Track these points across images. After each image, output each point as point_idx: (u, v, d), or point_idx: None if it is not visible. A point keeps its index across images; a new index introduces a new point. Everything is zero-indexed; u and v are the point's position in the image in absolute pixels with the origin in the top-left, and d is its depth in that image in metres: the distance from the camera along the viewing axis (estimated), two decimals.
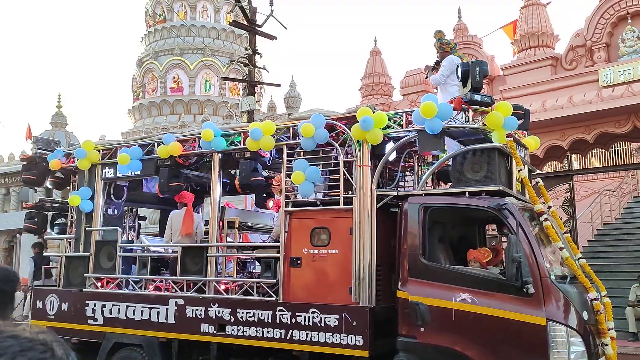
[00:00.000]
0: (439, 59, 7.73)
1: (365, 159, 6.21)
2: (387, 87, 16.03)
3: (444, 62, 7.40)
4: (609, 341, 5.35)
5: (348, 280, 6.07)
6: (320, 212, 6.44)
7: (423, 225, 5.62)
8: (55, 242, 11.35)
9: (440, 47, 7.56)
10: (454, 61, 7.33)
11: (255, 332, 6.51)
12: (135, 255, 7.94)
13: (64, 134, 24.03)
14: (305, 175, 6.35)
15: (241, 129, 7.17)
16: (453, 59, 7.38)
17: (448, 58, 7.36)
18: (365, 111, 6.14)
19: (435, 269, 5.49)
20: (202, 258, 7.13)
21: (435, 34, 7.66)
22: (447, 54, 7.52)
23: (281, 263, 6.49)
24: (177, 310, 7.11)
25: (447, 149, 6.41)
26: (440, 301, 5.29)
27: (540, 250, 5.23)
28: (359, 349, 5.84)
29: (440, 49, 7.56)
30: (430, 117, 5.67)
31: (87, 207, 8.25)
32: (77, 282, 8.18)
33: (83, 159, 8.28)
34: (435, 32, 7.65)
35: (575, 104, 11.17)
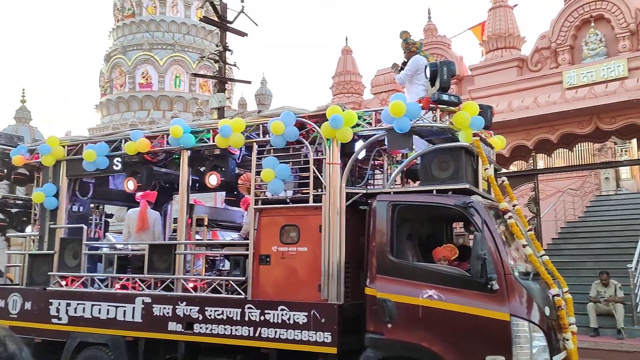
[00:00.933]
0: (406, 59, 7.81)
1: (335, 156, 6.24)
2: (358, 85, 16.13)
3: (409, 62, 7.48)
4: (570, 336, 5.50)
5: (317, 277, 6.09)
6: (289, 210, 6.45)
7: (391, 222, 5.68)
8: (19, 240, 11.07)
9: (406, 47, 7.63)
10: (419, 61, 7.41)
11: (224, 330, 6.48)
12: (101, 253, 7.82)
13: (28, 129, 23.45)
14: (275, 172, 6.35)
15: (211, 126, 7.12)
16: (419, 58, 7.46)
17: (414, 58, 7.44)
18: (334, 109, 6.17)
19: (403, 266, 5.56)
20: (170, 256, 7.06)
21: (401, 34, 7.73)
22: (413, 54, 7.59)
23: (250, 261, 6.47)
24: (144, 308, 7.02)
25: (415, 148, 6.49)
26: (408, 298, 5.36)
27: (504, 248, 5.34)
28: (327, 346, 5.87)
29: (407, 49, 7.63)
30: (399, 116, 5.73)
31: (52, 204, 8.09)
32: (40, 280, 8.01)
33: (47, 155, 8.10)
34: (401, 32, 7.73)
35: (540, 104, 11.43)
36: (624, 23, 11.72)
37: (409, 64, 7.52)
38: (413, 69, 7.40)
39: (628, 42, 11.69)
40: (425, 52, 7.65)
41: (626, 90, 10.70)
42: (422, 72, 7.28)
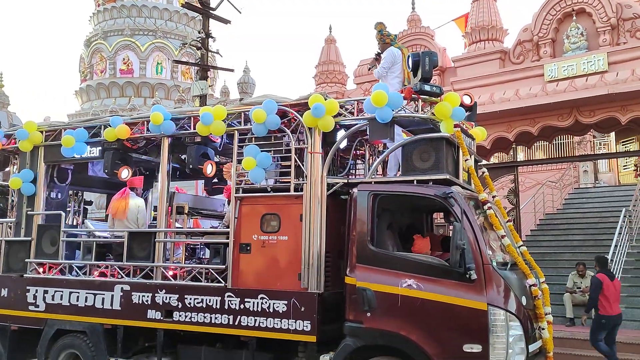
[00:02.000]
0: (380, 51, 7.78)
1: (317, 146, 6.23)
2: (341, 75, 16.10)
3: (384, 54, 7.43)
4: (545, 325, 5.58)
5: (297, 266, 6.10)
6: (270, 199, 6.43)
7: (372, 212, 5.70)
8: None
9: (380, 38, 7.58)
10: (394, 53, 7.36)
11: (203, 318, 6.46)
12: (80, 241, 7.73)
13: (6, 114, 23.02)
14: (257, 161, 6.32)
15: (192, 113, 7.06)
16: (393, 50, 7.41)
17: (388, 50, 7.38)
18: (317, 98, 6.15)
19: (383, 256, 5.58)
20: (150, 243, 7.00)
21: (376, 26, 7.69)
22: (388, 46, 7.52)
23: (230, 249, 6.45)
24: (123, 296, 6.98)
25: None
26: (387, 287, 5.39)
27: (483, 238, 5.39)
28: (306, 334, 5.89)
29: (381, 40, 7.58)
30: (380, 106, 5.73)
31: (29, 191, 7.97)
32: (17, 267, 7.91)
33: (25, 140, 7.97)
34: (375, 23, 7.69)
35: (522, 97, 11.52)
36: (605, 17, 11.84)
37: (385, 57, 7.47)
38: (390, 61, 7.36)
39: (608, 36, 11.82)
40: (400, 44, 7.62)
41: (606, 84, 10.82)
42: (397, 63, 7.28)
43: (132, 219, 7.53)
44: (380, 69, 7.44)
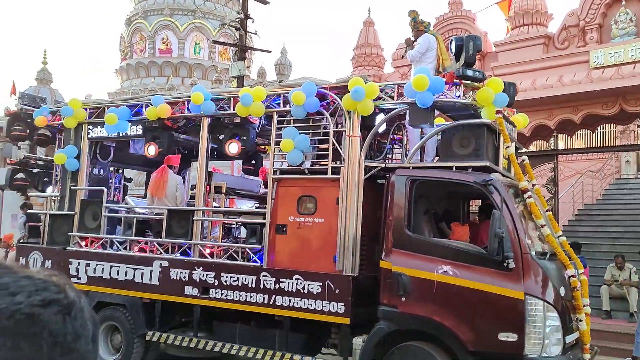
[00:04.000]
0: (414, 38, 7.69)
1: (355, 129, 6.22)
2: (379, 58, 15.93)
3: (419, 40, 7.32)
4: (583, 317, 5.50)
5: (333, 249, 6.14)
6: (307, 181, 6.47)
7: (409, 197, 5.68)
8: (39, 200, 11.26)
9: (414, 26, 7.47)
10: (429, 39, 7.24)
11: (239, 296, 6.58)
12: (121, 216, 7.93)
13: (49, 91, 23.60)
14: (295, 143, 6.35)
15: (231, 94, 7.12)
16: (428, 36, 7.28)
17: (424, 36, 7.24)
18: (357, 81, 6.12)
19: (419, 241, 5.57)
20: (188, 221, 7.14)
21: (410, 13, 7.59)
22: (421, 33, 7.41)
23: (267, 229, 6.53)
24: (162, 272, 7.15)
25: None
26: (423, 272, 5.39)
27: (522, 227, 5.33)
28: (340, 316, 5.95)
29: (415, 27, 7.47)
30: (422, 90, 5.67)
31: (73, 166, 8.19)
32: (61, 240, 8.17)
33: (69, 117, 8.17)
34: (409, 11, 7.58)
35: (565, 84, 11.21)
36: None
37: (420, 42, 7.34)
38: (425, 47, 7.23)
39: None
40: (434, 31, 7.50)
41: None
42: (431, 50, 7.16)
43: (171, 196, 7.68)
44: (415, 52, 7.33)
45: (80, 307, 0.55)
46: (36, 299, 0.52)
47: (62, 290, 0.54)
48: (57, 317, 0.52)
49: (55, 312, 0.52)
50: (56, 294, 0.53)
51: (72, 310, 0.54)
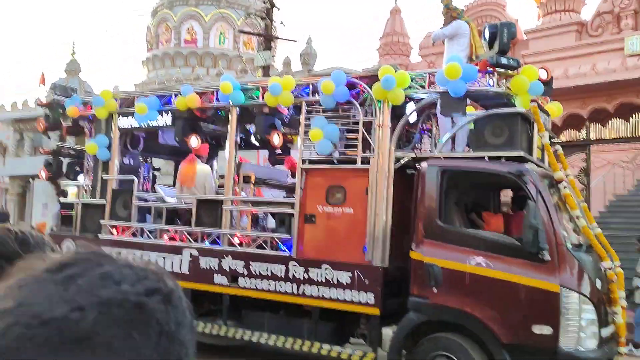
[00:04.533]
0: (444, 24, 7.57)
1: (385, 119, 6.15)
2: (406, 47, 15.76)
3: (450, 24, 7.19)
4: (619, 310, 5.39)
5: (362, 239, 6.11)
6: (336, 171, 6.44)
7: (441, 188, 5.61)
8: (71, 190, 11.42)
9: (447, 12, 7.36)
10: (460, 24, 7.12)
11: (268, 285, 6.60)
12: (151, 206, 8.01)
13: (78, 81, 23.90)
14: (324, 133, 6.32)
15: (260, 84, 7.10)
16: (460, 22, 7.16)
17: (456, 21, 7.13)
18: (387, 70, 6.05)
19: (451, 232, 5.51)
20: (217, 211, 7.18)
21: (443, 0, 7.48)
22: (454, 19, 7.29)
23: (296, 219, 6.53)
24: (191, 260, 7.21)
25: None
26: (455, 264, 5.33)
27: (557, 218, 5.22)
28: (370, 307, 5.93)
29: (447, 14, 7.35)
30: (454, 79, 5.58)
31: (104, 156, 8.29)
32: (92, 228, 8.29)
33: (101, 107, 8.26)
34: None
35: (599, 72, 10.95)
36: None
37: (450, 26, 7.25)
38: (452, 32, 7.13)
39: None
40: (467, 18, 7.37)
41: None
42: (463, 37, 7.03)
43: (200, 186, 7.72)
44: (440, 32, 7.23)
45: (179, 295, 0.56)
46: (140, 288, 0.52)
47: (161, 278, 0.54)
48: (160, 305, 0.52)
49: (158, 301, 0.52)
50: (157, 283, 0.54)
51: (172, 298, 0.54)
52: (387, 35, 15.74)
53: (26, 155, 24.40)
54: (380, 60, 15.78)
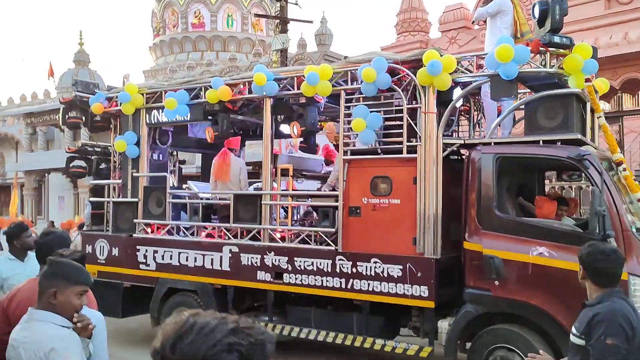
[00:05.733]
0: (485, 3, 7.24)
1: (431, 105, 5.92)
2: (425, 23, 15.38)
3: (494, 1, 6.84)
4: None
5: (411, 230, 5.94)
6: (381, 161, 6.23)
7: (497, 176, 5.40)
8: None
9: None
10: (504, 2, 6.77)
11: (314, 280, 6.47)
12: (186, 202, 7.86)
13: (88, 72, 23.70)
14: (366, 122, 6.10)
15: (295, 73, 6.87)
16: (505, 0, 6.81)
17: None
18: (432, 54, 5.79)
19: (510, 222, 5.33)
20: (256, 206, 7.01)
21: None
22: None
23: (340, 212, 6.35)
24: (232, 257, 7.07)
25: None
26: (517, 255, 5.15)
27: (621, 203, 5.02)
28: (424, 300, 5.79)
29: None
30: (506, 61, 5.32)
31: (133, 153, 8.12)
32: (125, 227, 8.16)
33: (127, 103, 8.06)
34: None
35: (631, 41, 10.59)
36: None
37: (493, 3, 6.93)
38: (496, 9, 6.80)
39: None
40: None
41: None
42: (507, 14, 6.73)
43: (235, 180, 7.55)
44: (484, 10, 6.91)
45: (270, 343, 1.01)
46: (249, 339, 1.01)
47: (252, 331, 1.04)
48: None
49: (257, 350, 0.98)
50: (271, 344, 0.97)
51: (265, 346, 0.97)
52: (405, 12, 15.36)
53: (40, 149, 24.32)
54: (398, 38, 15.44)
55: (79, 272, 2.48)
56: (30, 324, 2.34)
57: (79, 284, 2.44)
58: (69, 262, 2.57)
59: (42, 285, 2.44)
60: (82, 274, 2.48)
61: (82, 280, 2.46)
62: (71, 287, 2.41)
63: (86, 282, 2.48)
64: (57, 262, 2.52)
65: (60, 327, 2.36)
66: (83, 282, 2.46)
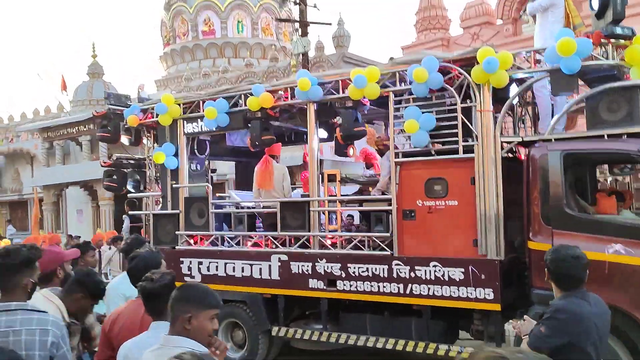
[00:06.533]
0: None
1: (487, 103, 5.79)
2: (445, 20, 15.26)
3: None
4: None
5: (471, 232, 5.81)
6: (435, 162, 6.11)
7: (564, 173, 5.27)
8: None
9: None
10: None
11: (370, 287, 6.35)
12: (230, 212, 7.76)
13: (102, 84, 23.68)
14: (419, 123, 5.98)
15: (340, 77, 6.76)
16: None
17: None
18: (487, 52, 5.66)
19: (583, 220, 5.19)
20: (304, 213, 6.89)
21: None
22: None
23: (394, 216, 6.23)
24: (281, 266, 6.96)
25: None
26: (592, 253, 4.98)
27: None
28: (489, 302, 5.66)
29: None
30: (568, 55, 5.19)
31: (173, 164, 8.03)
32: (166, 239, 8.06)
33: (164, 114, 7.97)
34: None
35: None
36: None
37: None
38: (548, 2, 6.64)
39: None
40: None
41: None
42: (559, 7, 6.58)
43: (279, 187, 7.45)
44: (537, 4, 6.73)
45: None
46: None
47: None
48: None
49: None
50: None
51: None
52: (424, 10, 15.24)
53: (57, 163, 24.28)
54: (418, 36, 15.31)
55: (210, 295, 2.41)
56: (164, 351, 2.24)
57: (212, 308, 2.37)
58: (200, 285, 2.50)
59: (176, 310, 2.35)
60: (214, 297, 2.41)
61: (214, 304, 2.39)
62: (205, 312, 2.34)
63: (218, 305, 2.40)
64: (188, 286, 2.46)
65: None
66: (215, 305, 2.38)
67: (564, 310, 3.11)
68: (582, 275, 3.18)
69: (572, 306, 3.11)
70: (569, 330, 3.04)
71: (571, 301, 3.14)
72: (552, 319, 3.12)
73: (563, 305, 3.14)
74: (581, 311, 3.08)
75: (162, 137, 8.24)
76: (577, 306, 3.11)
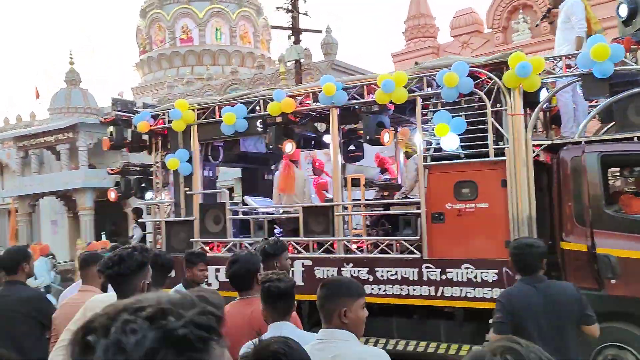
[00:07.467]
0: (551, 6, 7.25)
1: (518, 107, 5.92)
2: (433, 28, 15.50)
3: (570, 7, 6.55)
4: None
5: (503, 234, 5.89)
6: (464, 165, 6.19)
7: (602, 174, 5.42)
8: None
9: None
10: (574, 5, 6.62)
11: (400, 290, 6.37)
12: (249, 218, 7.68)
13: (80, 91, 23.15)
14: (450, 127, 6.06)
15: (365, 81, 6.80)
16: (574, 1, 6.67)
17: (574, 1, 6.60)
18: (519, 57, 5.79)
19: (622, 219, 5.33)
20: (327, 217, 6.88)
21: None
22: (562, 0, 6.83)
23: (423, 219, 6.28)
24: (305, 271, 6.92)
25: None
26: (632, 252, 5.15)
27: None
28: None
29: None
30: (602, 60, 5.35)
31: (186, 170, 7.92)
32: (180, 247, 7.89)
33: (178, 120, 7.86)
34: None
35: None
36: None
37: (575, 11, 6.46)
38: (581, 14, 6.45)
39: None
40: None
41: None
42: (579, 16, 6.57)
43: (300, 192, 7.44)
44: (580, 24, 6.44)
45: None
46: None
47: None
48: None
49: None
50: None
51: None
52: (413, 18, 15.46)
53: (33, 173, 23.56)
54: (407, 44, 15.52)
55: (355, 285, 2.52)
56: (330, 345, 2.32)
57: (361, 296, 2.42)
58: (344, 278, 2.58)
59: (328, 307, 2.37)
60: (359, 286, 2.55)
61: (361, 292, 2.48)
62: (357, 302, 2.38)
63: (364, 293, 2.48)
64: (334, 282, 2.51)
65: None
66: (362, 294, 2.48)
67: (503, 294, 3.53)
68: (535, 262, 3.35)
69: (511, 289, 3.48)
70: (508, 309, 3.29)
71: (515, 286, 3.46)
72: (497, 302, 3.48)
73: (506, 290, 3.61)
74: (517, 293, 3.35)
75: (175, 143, 8.11)
76: (515, 289, 3.42)
